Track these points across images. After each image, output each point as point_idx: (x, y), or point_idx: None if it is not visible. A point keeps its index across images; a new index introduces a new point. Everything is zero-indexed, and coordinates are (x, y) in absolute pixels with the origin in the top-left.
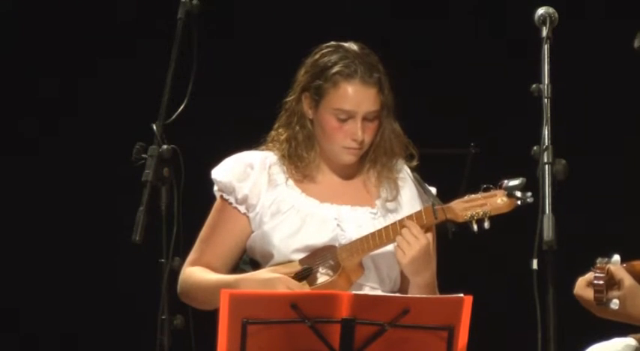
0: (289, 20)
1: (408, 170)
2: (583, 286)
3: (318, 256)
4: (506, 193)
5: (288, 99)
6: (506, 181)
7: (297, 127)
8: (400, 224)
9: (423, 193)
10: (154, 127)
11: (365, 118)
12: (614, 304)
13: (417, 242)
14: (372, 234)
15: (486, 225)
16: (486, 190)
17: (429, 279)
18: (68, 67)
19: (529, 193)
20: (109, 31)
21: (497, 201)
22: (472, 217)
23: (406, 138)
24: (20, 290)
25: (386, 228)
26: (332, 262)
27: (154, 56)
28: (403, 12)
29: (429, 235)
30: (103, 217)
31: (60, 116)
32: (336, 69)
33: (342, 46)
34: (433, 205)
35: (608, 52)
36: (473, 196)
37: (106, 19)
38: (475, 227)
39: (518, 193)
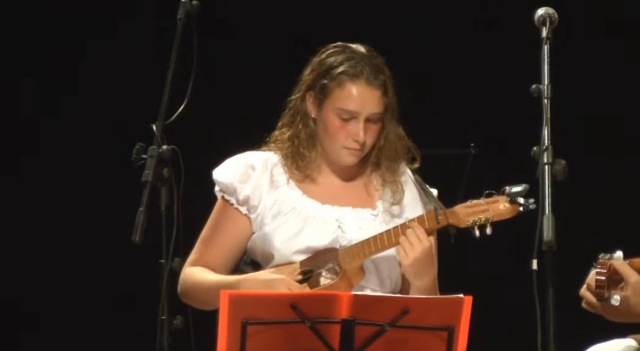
0: (290, 20)
1: (410, 172)
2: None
3: (320, 258)
4: (508, 199)
5: (292, 97)
6: (508, 188)
7: (300, 126)
8: (402, 228)
9: (424, 195)
10: (154, 127)
11: (368, 120)
12: (615, 300)
13: (420, 244)
14: (374, 238)
15: (488, 231)
16: (489, 195)
17: (429, 283)
18: (68, 67)
19: (532, 200)
20: (110, 31)
21: (499, 207)
22: (474, 222)
23: (409, 141)
24: (20, 290)
25: (387, 232)
26: (333, 265)
27: (153, 56)
28: (403, 12)
29: (431, 239)
30: (103, 217)
31: (60, 116)
32: (341, 69)
33: (349, 47)
34: (436, 209)
35: (608, 52)
36: (475, 201)
37: (107, 19)
38: (477, 233)
39: (521, 200)
